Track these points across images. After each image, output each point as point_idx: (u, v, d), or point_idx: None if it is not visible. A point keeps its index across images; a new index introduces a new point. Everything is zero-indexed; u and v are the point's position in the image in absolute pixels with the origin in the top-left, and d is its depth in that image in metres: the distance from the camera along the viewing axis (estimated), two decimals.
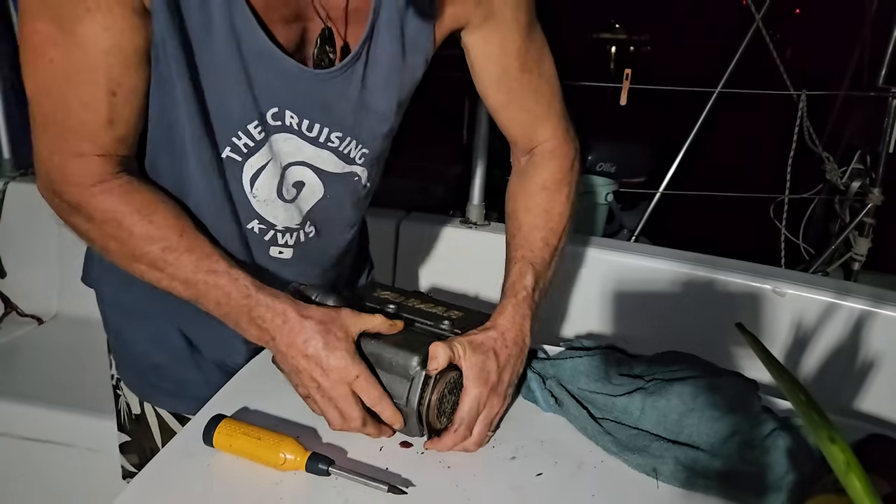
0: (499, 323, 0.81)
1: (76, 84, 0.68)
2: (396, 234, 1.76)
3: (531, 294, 0.84)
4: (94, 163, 0.72)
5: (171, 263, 0.74)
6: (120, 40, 0.67)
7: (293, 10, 0.74)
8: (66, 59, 0.66)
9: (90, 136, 0.71)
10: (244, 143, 0.79)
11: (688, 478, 0.72)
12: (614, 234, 3.14)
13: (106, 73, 0.68)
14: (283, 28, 0.74)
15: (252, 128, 0.78)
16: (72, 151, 0.71)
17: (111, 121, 0.71)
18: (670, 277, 1.57)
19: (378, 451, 0.74)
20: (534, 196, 0.91)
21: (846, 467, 0.37)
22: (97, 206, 0.73)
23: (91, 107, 0.69)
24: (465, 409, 0.74)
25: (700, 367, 0.86)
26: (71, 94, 0.68)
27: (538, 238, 0.88)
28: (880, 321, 1.40)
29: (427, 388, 0.74)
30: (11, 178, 2.00)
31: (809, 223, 2.70)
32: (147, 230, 0.73)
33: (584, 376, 0.85)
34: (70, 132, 0.70)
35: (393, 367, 0.75)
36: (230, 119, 0.77)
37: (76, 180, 0.72)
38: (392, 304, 0.85)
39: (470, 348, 0.75)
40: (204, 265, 0.74)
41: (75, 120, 0.70)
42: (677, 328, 1.50)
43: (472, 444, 0.75)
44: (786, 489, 0.69)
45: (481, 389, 0.74)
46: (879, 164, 2.40)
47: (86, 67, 0.67)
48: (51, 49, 0.66)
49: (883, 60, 2.42)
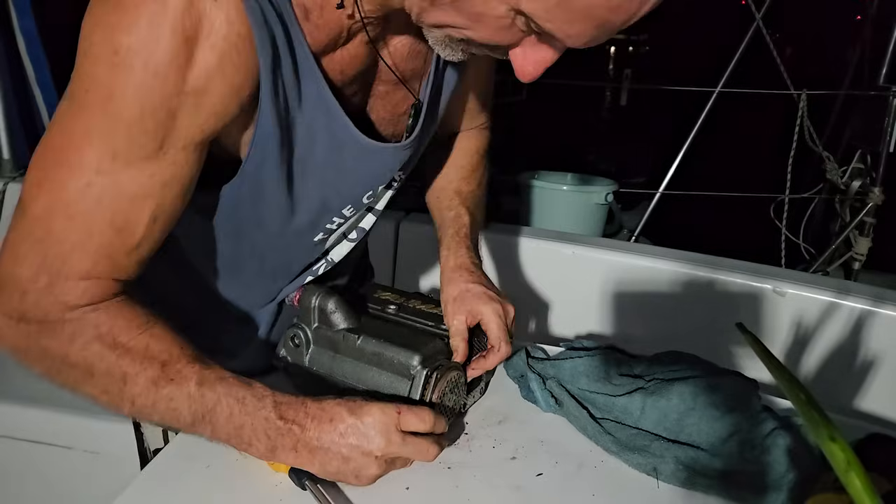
0: (456, 266, 0.88)
1: (112, 210, 0.60)
2: (396, 235, 1.76)
3: (468, 232, 0.93)
4: (98, 286, 0.63)
5: (172, 379, 0.63)
6: (184, 173, 0.62)
7: (365, 78, 0.74)
8: (111, 186, 0.59)
9: (107, 258, 0.62)
10: (337, 224, 0.82)
11: (688, 477, 0.72)
12: (614, 234, 3.14)
13: (157, 201, 0.61)
14: (352, 90, 0.74)
15: (346, 211, 0.81)
16: (72, 273, 0.61)
17: (139, 246, 0.63)
18: (670, 277, 1.57)
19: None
20: (464, 156, 1.03)
21: (846, 466, 0.37)
22: (86, 324, 0.62)
23: (123, 231, 0.61)
24: (495, 329, 0.81)
25: (700, 366, 0.86)
26: (100, 218, 0.60)
27: (461, 179, 1.00)
28: (880, 321, 1.40)
29: (428, 387, 0.74)
30: (11, 178, 2.00)
31: (810, 223, 2.70)
32: (147, 343, 0.64)
33: (585, 376, 0.86)
34: (79, 253, 0.61)
35: (394, 366, 0.76)
36: (327, 211, 0.79)
37: (63, 301, 0.62)
38: (393, 304, 0.86)
39: (465, 302, 0.82)
40: (210, 375, 0.65)
41: (94, 243, 0.61)
42: (677, 328, 1.50)
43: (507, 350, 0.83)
44: (786, 488, 0.69)
45: (494, 305, 0.82)
46: (880, 163, 2.40)
47: (136, 196, 0.60)
48: (92, 175, 0.58)
49: (883, 60, 2.42)
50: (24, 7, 1.96)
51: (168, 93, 0.56)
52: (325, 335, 0.81)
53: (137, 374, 0.62)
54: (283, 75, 0.63)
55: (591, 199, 3.03)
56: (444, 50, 0.63)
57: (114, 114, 0.57)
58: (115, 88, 0.56)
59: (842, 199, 2.55)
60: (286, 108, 0.65)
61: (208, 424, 0.64)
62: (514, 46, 0.59)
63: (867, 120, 2.51)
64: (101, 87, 0.56)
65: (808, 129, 2.41)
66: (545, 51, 0.58)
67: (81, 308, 0.62)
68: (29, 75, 2.04)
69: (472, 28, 0.57)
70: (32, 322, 0.62)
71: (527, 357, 0.90)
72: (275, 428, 0.64)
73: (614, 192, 3.05)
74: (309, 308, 0.81)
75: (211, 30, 0.56)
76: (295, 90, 0.65)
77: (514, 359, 0.90)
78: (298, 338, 0.82)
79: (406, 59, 0.75)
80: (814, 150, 2.50)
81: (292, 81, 0.64)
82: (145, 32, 0.54)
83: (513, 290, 1.68)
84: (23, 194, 0.61)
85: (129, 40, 0.54)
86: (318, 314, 0.81)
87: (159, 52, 0.55)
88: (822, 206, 2.77)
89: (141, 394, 0.63)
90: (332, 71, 0.68)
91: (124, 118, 0.57)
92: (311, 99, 0.66)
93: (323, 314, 0.81)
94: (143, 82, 0.56)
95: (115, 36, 0.55)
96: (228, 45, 0.57)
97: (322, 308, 0.81)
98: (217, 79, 0.58)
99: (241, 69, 0.59)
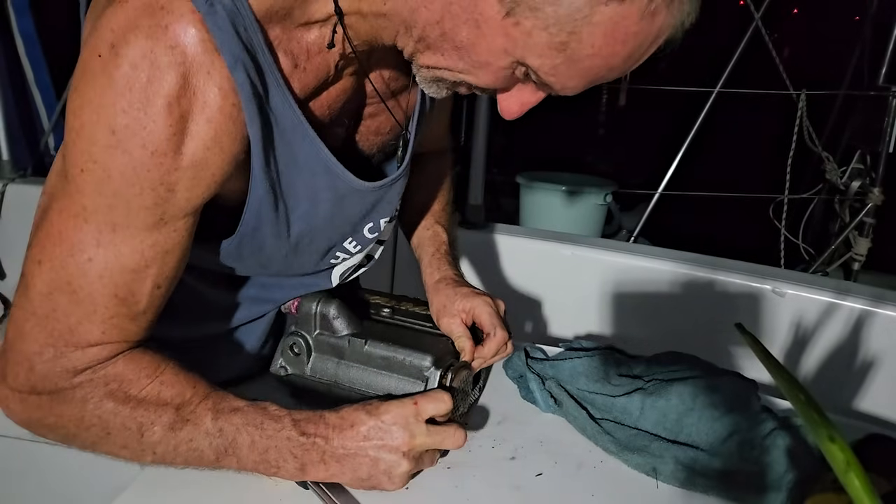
0: (441, 278, 0.89)
1: (115, 283, 0.60)
2: (396, 235, 1.76)
3: (448, 248, 0.96)
4: (105, 350, 0.62)
5: (188, 420, 0.63)
6: (184, 238, 0.62)
7: (352, 105, 0.74)
8: (112, 259, 0.59)
9: (114, 327, 0.62)
10: (341, 258, 0.82)
11: (687, 477, 0.72)
12: (613, 235, 3.14)
13: (159, 269, 0.61)
14: (340, 122, 0.74)
15: (350, 245, 0.81)
16: (80, 343, 0.61)
17: (145, 312, 0.63)
18: (670, 278, 1.57)
19: None
20: (434, 179, 1.05)
21: (846, 466, 0.37)
22: (96, 383, 0.62)
23: (128, 301, 0.61)
24: (487, 317, 0.82)
25: (699, 367, 0.86)
26: (104, 291, 0.60)
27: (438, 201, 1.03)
28: (880, 321, 1.40)
29: (443, 388, 0.74)
30: (11, 179, 2.00)
31: (809, 223, 2.70)
32: (159, 390, 0.64)
33: (584, 377, 0.86)
34: (86, 325, 0.61)
35: (406, 369, 0.75)
36: (331, 249, 0.79)
37: (72, 367, 0.61)
38: (386, 308, 0.86)
39: (455, 304, 0.83)
40: (224, 407, 0.64)
41: (100, 315, 0.60)
42: (677, 328, 1.49)
43: (510, 347, 0.83)
44: (785, 488, 0.69)
45: (483, 298, 0.83)
46: (879, 163, 2.40)
47: (137, 267, 0.60)
48: (92, 249, 0.58)
49: (882, 60, 2.42)
50: (23, 8, 1.96)
51: (166, 169, 0.56)
52: (327, 342, 0.80)
53: (154, 423, 0.62)
54: (275, 140, 0.63)
55: (589, 200, 3.04)
56: (431, 87, 0.64)
57: (112, 192, 0.56)
58: (112, 169, 0.55)
59: (841, 199, 2.55)
60: (278, 172, 0.65)
61: (233, 457, 0.64)
62: (507, 91, 0.61)
63: (867, 120, 2.51)
64: (97, 167, 0.56)
65: (807, 129, 2.41)
66: (535, 95, 0.61)
67: (91, 369, 0.62)
68: (28, 76, 2.04)
69: (472, 74, 0.59)
70: (43, 393, 0.62)
71: (526, 357, 0.90)
72: (299, 445, 0.64)
73: (613, 192, 3.05)
74: (309, 315, 0.80)
75: (205, 104, 0.55)
76: (288, 152, 0.65)
77: (514, 359, 0.90)
78: (298, 346, 0.80)
79: (389, 80, 0.75)
80: (813, 150, 2.50)
81: (285, 144, 0.64)
82: (141, 113, 0.54)
83: (512, 290, 1.69)
84: (24, 271, 0.61)
85: (126, 121, 0.54)
86: (319, 321, 0.80)
87: (157, 132, 0.54)
88: (821, 206, 2.77)
89: (160, 441, 0.63)
90: (321, 109, 0.68)
91: (123, 196, 0.57)
92: (308, 158, 0.66)
93: (325, 320, 0.80)
94: (141, 162, 0.55)
95: (110, 116, 0.54)
96: (223, 117, 0.57)
97: (324, 314, 0.79)
98: (214, 150, 0.58)
99: (236, 139, 0.59)
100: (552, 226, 2.84)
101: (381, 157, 0.82)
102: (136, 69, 0.53)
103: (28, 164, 2.05)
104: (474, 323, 0.83)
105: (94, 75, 0.54)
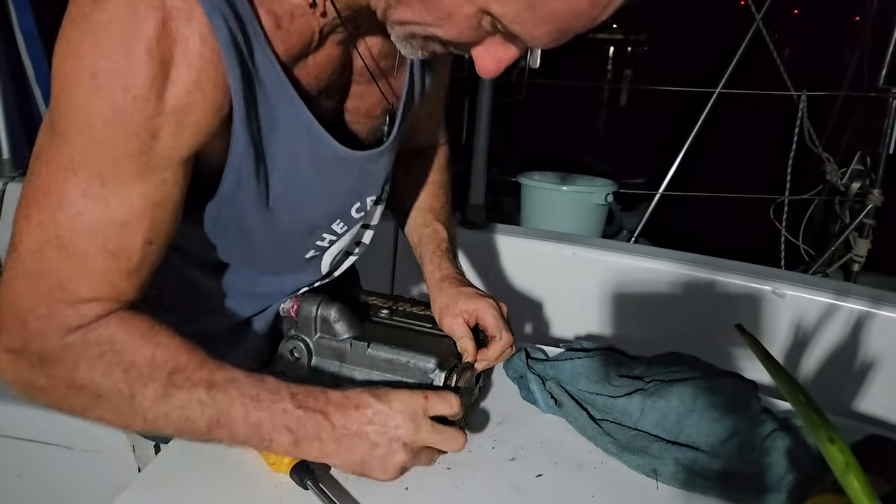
0: (443, 277, 0.89)
1: (105, 236, 0.59)
2: (396, 235, 1.76)
3: (448, 246, 0.96)
4: (98, 307, 0.61)
5: (181, 387, 0.61)
6: (173, 191, 0.61)
7: (340, 79, 0.74)
8: (101, 212, 0.58)
9: (105, 283, 0.61)
10: (329, 241, 0.82)
11: (687, 478, 0.72)
12: (614, 235, 3.14)
13: (150, 223, 0.60)
14: (328, 95, 0.73)
15: (337, 227, 0.80)
16: (72, 299, 0.60)
17: (138, 269, 0.62)
18: (670, 278, 1.57)
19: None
20: (432, 173, 1.04)
21: (845, 467, 0.37)
22: (89, 343, 0.61)
23: (119, 256, 0.60)
24: (492, 320, 0.81)
25: (700, 368, 0.86)
26: (94, 245, 0.59)
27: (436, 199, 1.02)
28: (880, 322, 1.40)
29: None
30: (11, 178, 2.00)
31: (809, 224, 2.71)
32: (153, 353, 0.62)
33: (584, 377, 0.86)
34: (77, 280, 0.60)
35: (410, 371, 0.75)
36: (316, 228, 0.79)
37: (64, 325, 0.60)
38: (384, 309, 0.86)
39: (458, 304, 0.83)
40: (220, 377, 0.63)
41: (91, 269, 0.60)
42: (677, 329, 1.49)
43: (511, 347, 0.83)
44: (785, 489, 0.69)
45: (487, 300, 0.83)
46: (879, 164, 2.40)
47: (127, 220, 0.59)
48: (81, 202, 0.57)
49: (883, 61, 2.43)
50: (24, 5, 1.96)
51: (149, 114, 0.56)
52: (328, 345, 0.79)
53: (146, 387, 0.60)
54: (257, 98, 0.63)
55: (590, 200, 3.04)
56: (406, 47, 0.63)
57: (97, 140, 0.56)
58: (95, 115, 0.55)
59: (841, 200, 2.56)
60: (259, 130, 0.65)
61: (224, 428, 0.62)
62: (478, 45, 0.60)
63: (867, 121, 2.51)
64: (80, 114, 0.56)
65: (807, 130, 2.41)
66: (508, 50, 0.59)
67: (83, 328, 0.61)
68: (28, 74, 2.03)
69: (439, 26, 0.58)
70: (35, 353, 0.61)
71: (526, 358, 0.90)
72: (295, 419, 0.62)
73: (614, 192, 3.05)
74: (310, 318, 0.79)
75: (186, 49, 0.56)
76: (270, 113, 0.64)
77: (514, 360, 0.90)
78: (298, 350, 0.79)
79: (378, 57, 0.75)
80: (813, 151, 2.50)
81: (267, 104, 0.64)
82: (122, 57, 0.54)
83: (512, 290, 1.69)
84: (14, 229, 0.60)
85: (106, 65, 0.54)
86: (320, 324, 0.79)
87: (138, 76, 0.55)
88: (821, 207, 2.78)
89: (151, 407, 0.61)
90: (307, 77, 0.68)
91: (108, 143, 0.56)
92: (290, 120, 0.66)
93: (325, 323, 0.79)
94: (123, 106, 0.55)
95: (91, 62, 0.54)
96: (204, 62, 0.57)
97: (325, 317, 0.78)
98: (196, 95, 0.58)
99: (219, 86, 0.59)
100: (553, 226, 2.84)
101: (373, 141, 0.81)
102: (115, 14, 0.54)
103: (27, 163, 2.05)
104: (476, 324, 0.83)
105: (75, 24, 0.55)
